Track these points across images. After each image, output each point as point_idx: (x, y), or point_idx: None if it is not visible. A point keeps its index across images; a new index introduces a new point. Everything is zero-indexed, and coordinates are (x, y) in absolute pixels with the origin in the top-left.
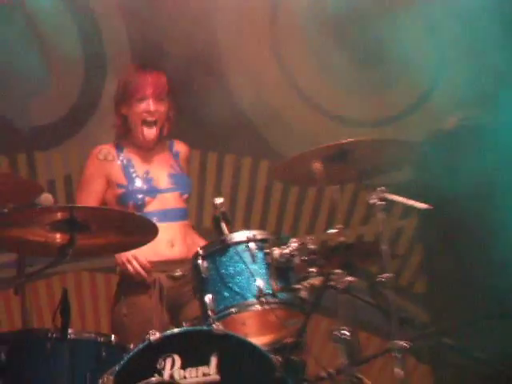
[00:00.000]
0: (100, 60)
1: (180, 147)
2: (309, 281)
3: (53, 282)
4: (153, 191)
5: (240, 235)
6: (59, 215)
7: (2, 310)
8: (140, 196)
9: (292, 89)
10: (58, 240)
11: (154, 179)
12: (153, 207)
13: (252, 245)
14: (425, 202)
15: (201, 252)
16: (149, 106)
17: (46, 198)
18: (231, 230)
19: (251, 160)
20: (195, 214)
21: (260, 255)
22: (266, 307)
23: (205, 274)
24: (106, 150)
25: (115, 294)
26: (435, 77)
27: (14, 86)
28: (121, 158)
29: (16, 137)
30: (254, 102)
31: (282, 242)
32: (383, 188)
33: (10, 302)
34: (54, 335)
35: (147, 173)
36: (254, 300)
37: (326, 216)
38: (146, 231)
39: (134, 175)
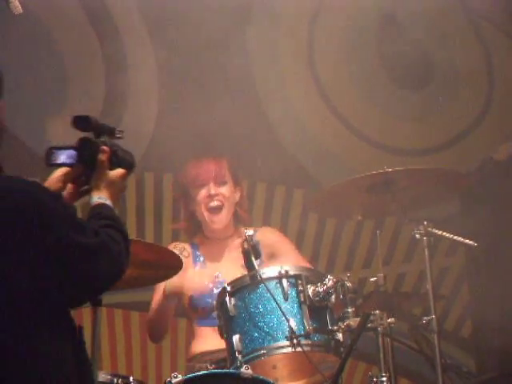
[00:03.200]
0: (123, 79)
1: (264, 236)
2: (345, 322)
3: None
4: None
5: (271, 271)
6: None
7: None
8: (209, 300)
9: (331, 113)
10: None
11: (225, 281)
12: None
13: (284, 281)
14: (473, 238)
15: (228, 288)
16: (209, 190)
17: None
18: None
19: (285, 188)
20: None
21: (293, 293)
22: (299, 350)
23: (232, 312)
24: (181, 245)
25: None
26: (486, 101)
27: (29, 104)
28: (196, 256)
29: (30, 160)
30: (291, 127)
31: (316, 278)
32: (428, 222)
33: None
34: None
35: (218, 276)
36: (285, 342)
37: (366, 252)
38: (170, 265)
39: (205, 278)
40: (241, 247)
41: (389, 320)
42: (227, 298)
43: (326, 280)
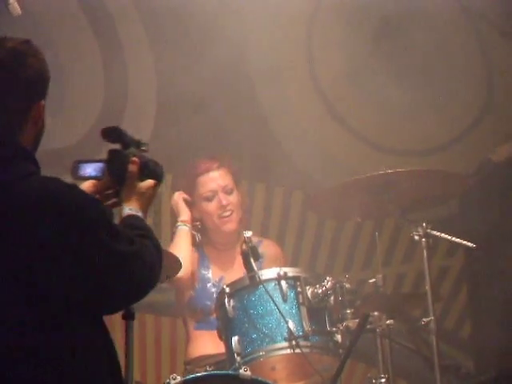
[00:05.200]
0: (122, 80)
1: (268, 248)
2: (344, 323)
3: None
4: None
5: (270, 272)
6: None
7: None
8: (209, 303)
9: (330, 114)
10: None
11: None
12: None
13: (283, 283)
14: (471, 239)
15: (227, 290)
16: (220, 201)
17: None
18: (260, 267)
19: (284, 189)
20: None
21: (291, 294)
22: (297, 351)
23: (231, 313)
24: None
25: None
26: (486, 101)
27: None
28: (199, 253)
29: None
30: (290, 129)
31: (315, 280)
32: (427, 223)
33: None
34: None
35: (221, 279)
36: (284, 343)
37: (365, 253)
38: (168, 266)
39: (207, 280)
40: (240, 249)
41: (387, 321)
42: (226, 300)
43: (325, 281)
